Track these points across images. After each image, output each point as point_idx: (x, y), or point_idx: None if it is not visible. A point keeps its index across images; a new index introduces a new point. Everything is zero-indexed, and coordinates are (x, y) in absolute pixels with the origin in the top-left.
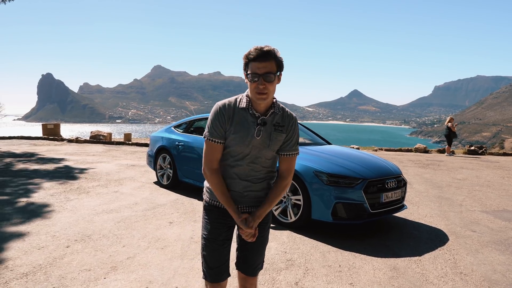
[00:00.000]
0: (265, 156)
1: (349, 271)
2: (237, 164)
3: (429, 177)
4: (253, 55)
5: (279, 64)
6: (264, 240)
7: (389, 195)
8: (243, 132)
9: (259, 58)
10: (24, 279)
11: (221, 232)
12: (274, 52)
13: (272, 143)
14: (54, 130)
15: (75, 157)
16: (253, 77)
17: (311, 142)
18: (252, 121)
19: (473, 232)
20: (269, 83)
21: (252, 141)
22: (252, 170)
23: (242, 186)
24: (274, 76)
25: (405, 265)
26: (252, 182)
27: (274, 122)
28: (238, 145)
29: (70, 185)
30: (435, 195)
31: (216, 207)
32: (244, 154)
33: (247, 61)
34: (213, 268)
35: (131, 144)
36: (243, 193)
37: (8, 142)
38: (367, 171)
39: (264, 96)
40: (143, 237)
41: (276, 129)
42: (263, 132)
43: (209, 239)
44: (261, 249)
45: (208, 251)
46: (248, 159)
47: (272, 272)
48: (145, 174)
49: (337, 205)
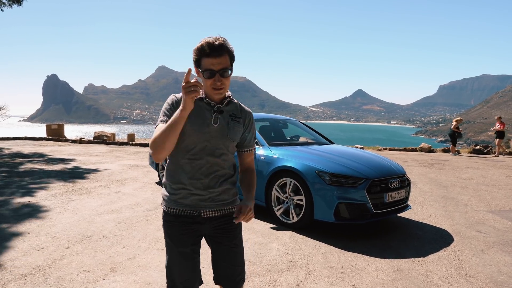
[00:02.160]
0: (225, 147)
1: (352, 272)
2: (196, 158)
3: (434, 176)
4: (207, 50)
5: (232, 57)
6: (237, 248)
7: (393, 195)
8: (199, 120)
9: (213, 54)
10: (22, 280)
11: (187, 242)
12: (227, 45)
13: (230, 132)
14: (58, 130)
15: (78, 157)
16: (209, 74)
17: (314, 142)
18: (208, 109)
19: (478, 232)
20: (225, 78)
21: (210, 130)
22: (213, 165)
23: (204, 186)
24: (230, 71)
25: (409, 266)
26: (215, 181)
27: (231, 112)
28: (195, 135)
29: (73, 185)
30: (440, 195)
31: (177, 216)
32: (202, 146)
33: (198, 57)
34: (180, 282)
35: (134, 144)
36: (206, 195)
37: (13, 143)
38: (370, 171)
39: (222, 91)
40: (144, 238)
41: (233, 119)
42: (221, 120)
43: (174, 253)
44: (238, 259)
45: (173, 266)
46: (208, 150)
47: (273, 274)
48: (148, 174)
49: (339, 205)
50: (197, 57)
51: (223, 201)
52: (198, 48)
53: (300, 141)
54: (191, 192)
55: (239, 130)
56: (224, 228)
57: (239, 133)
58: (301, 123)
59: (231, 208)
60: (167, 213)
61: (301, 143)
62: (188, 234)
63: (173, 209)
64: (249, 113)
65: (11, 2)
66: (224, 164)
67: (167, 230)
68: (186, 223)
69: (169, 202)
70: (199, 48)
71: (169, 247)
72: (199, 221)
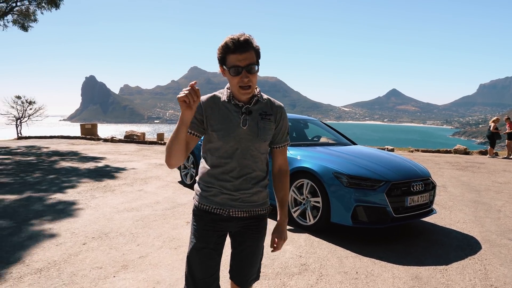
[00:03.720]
0: (256, 149)
1: (366, 278)
2: (227, 162)
3: (467, 180)
4: (231, 47)
5: (258, 53)
6: (258, 250)
7: (415, 198)
8: (226, 124)
9: (238, 50)
10: (37, 274)
11: (211, 239)
12: (252, 41)
13: (261, 133)
14: (91, 130)
15: (108, 156)
16: (235, 70)
17: (334, 143)
18: (236, 111)
19: (510, 240)
20: (252, 75)
21: (239, 132)
22: (244, 168)
23: (234, 188)
24: (257, 67)
25: (429, 274)
26: (246, 183)
27: (260, 111)
28: (223, 139)
29: (98, 183)
30: (471, 200)
31: (206, 212)
32: (232, 149)
33: (223, 55)
34: (200, 279)
35: (163, 144)
36: (236, 196)
37: (49, 141)
38: (391, 173)
39: (249, 90)
40: (159, 236)
41: (263, 118)
42: (249, 121)
43: (197, 248)
44: (255, 259)
45: (195, 260)
46: (238, 154)
47: (284, 277)
48: (171, 173)
49: (357, 208)
50: (222, 55)
51: (253, 202)
52: (223, 46)
53: (320, 141)
54: (221, 191)
55: (271, 129)
56: (251, 229)
57: (271, 131)
58: (323, 123)
59: (260, 210)
60: (198, 208)
61: (321, 143)
62: (213, 230)
63: (203, 205)
64: (280, 108)
65: (49, 6)
66: (256, 166)
67: (193, 223)
68: (213, 220)
69: (201, 198)
70: (223, 46)
71: (192, 241)
72: (227, 219)
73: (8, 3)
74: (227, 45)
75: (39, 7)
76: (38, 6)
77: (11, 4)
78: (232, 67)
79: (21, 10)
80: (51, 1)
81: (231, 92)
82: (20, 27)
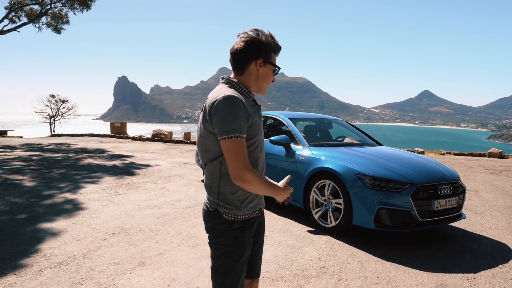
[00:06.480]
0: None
1: (388, 284)
2: (260, 155)
3: (501, 184)
4: (277, 47)
5: None
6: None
7: (443, 202)
8: (256, 118)
9: (279, 52)
10: (57, 268)
11: (251, 244)
12: None
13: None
14: (120, 128)
15: (135, 154)
16: (277, 70)
17: (359, 143)
18: (254, 105)
19: None
20: None
21: (261, 127)
22: (263, 160)
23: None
24: None
25: (455, 282)
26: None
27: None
28: (259, 131)
29: (123, 180)
30: (505, 205)
31: (246, 221)
32: (261, 140)
33: (270, 51)
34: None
35: (189, 143)
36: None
37: (80, 139)
38: (417, 175)
39: None
40: (177, 234)
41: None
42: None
43: (240, 264)
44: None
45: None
46: (262, 146)
47: (301, 280)
48: (195, 172)
49: (380, 211)
50: (269, 50)
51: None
52: (272, 43)
53: (344, 142)
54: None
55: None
56: (262, 222)
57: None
58: (348, 123)
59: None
60: (238, 220)
61: (344, 144)
62: (252, 235)
63: (245, 215)
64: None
65: (81, 7)
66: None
67: (237, 238)
68: (252, 225)
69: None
70: (273, 43)
71: (235, 256)
72: (260, 217)
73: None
74: (277, 45)
75: (72, 8)
76: (70, 8)
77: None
78: (276, 67)
79: (54, 13)
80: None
81: (246, 88)
82: (53, 29)
